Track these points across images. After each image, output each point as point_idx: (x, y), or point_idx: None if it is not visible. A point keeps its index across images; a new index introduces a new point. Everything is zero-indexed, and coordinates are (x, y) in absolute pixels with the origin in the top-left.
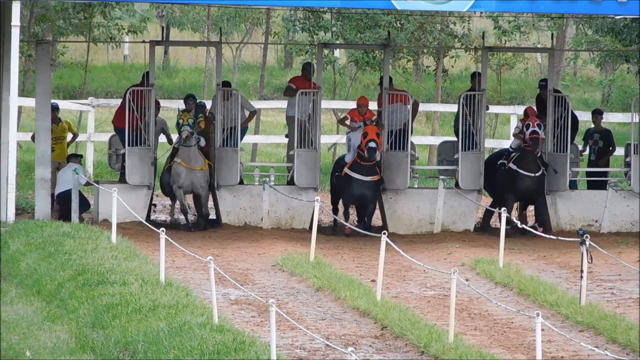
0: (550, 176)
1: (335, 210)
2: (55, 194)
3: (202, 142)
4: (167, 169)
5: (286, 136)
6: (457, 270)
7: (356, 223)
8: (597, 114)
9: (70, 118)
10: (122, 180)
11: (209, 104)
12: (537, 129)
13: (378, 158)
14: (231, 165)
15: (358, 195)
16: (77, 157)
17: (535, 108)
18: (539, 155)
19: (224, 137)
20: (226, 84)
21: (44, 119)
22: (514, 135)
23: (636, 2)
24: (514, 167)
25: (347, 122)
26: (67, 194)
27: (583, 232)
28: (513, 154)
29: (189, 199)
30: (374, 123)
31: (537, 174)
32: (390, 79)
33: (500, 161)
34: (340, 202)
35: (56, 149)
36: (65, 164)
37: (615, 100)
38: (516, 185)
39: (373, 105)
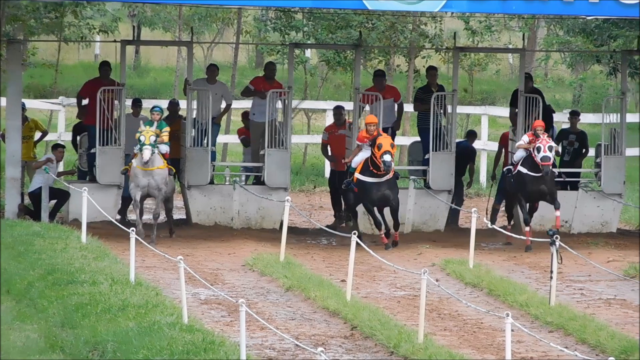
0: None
1: (354, 214)
2: (30, 190)
3: (164, 150)
4: (125, 172)
5: (245, 142)
6: (427, 271)
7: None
8: (574, 115)
9: (41, 117)
10: (82, 177)
11: (183, 103)
12: (548, 153)
13: (392, 174)
14: (202, 165)
15: (378, 197)
16: (60, 148)
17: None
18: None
19: (194, 136)
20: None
21: (15, 118)
22: (519, 146)
23: (607, 3)
24: (524, 170)
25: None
26: (40, 191)
27: (553, 233)
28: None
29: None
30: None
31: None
32: (383, 72)
33: (507, 167)
34: (360, 207)
35: (23, 148)
36: (36, 159)
37: (586, 101)
38: (526, 187)
39: (349, 106)
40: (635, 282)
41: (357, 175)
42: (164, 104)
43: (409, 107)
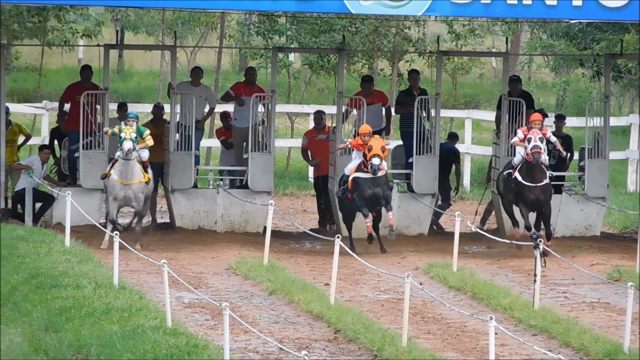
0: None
1: (349, 227)
2: (16, 189)
3: (144, 157)
4: (104, 176)
5: (225, 144)
6: (411, 274)
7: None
8: (560, 118)
9: (24, 121)
10: (62, 178)
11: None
12: (538, 142)
13: (383, 172)
14: (185, 169)
15: (369, 195)
16: (45, 150)
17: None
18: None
19: (177, 140)
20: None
21: None
22: (514, 143)
23: (591, 7)
24: (519, 177)
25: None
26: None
27: (537, 236)
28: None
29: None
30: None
31: (541, 184)
32: (371, 77)
33: (507, 171)
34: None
35: (6, 152)
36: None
37: (569, 104)
38: (523, 196)
39: (328, 110)
40: (619, 285)
41: (351, 177)
42: (147, 108)
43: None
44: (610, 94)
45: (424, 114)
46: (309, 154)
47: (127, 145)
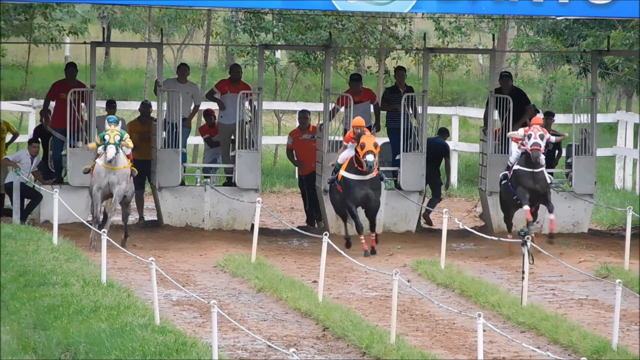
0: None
1: (343, 216)
2: (6, 182)
3: (128, 151)
4: (87, 171)
5: (208, 142)
6: (399, 272)
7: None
8: (549, 115)
9: (11, 119)
10: (46, 177)
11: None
12: (538, 140)
13: (376, 170)
14: (172, 166)
15: (361, 196)
16: (34, 144)
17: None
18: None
19: (164, 138)
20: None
21: None
22: (511, 136)
23: (577, 3)
24: (517, 166)
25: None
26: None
27: (525, 233)
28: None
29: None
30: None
31: (538, 170)
32: (359, 76)
33: (503, 173)
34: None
35: None
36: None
37: (556, 101)
38: (522, 182)
39: (315, 107)
40: (607, 282)
41: (342, 172)
42: (134, 105)
43: None
44: (597, 91)
45: (411, 111)
46: (294, 153)
47: (111, 152)
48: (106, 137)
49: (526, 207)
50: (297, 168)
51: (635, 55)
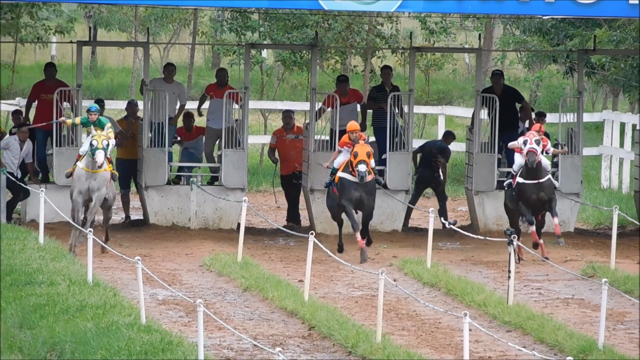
0: (480, 176)
1: (339, 223)
2: None
3: (111, 145)
4: (68, 175)
5: (177, 142)
6: (385, 271)
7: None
8: (540, 116)
9: None
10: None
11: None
12: (534, 145)
13: (369, 179)
14: (159, 166)
15: (356, 197)
16: (23, 128)
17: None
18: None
19: (151, 136)
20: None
21: None
22: (511, 146)
23: (563, 3)
24: (521, 179)
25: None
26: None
27: (511, 232)
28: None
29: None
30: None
31: (544, 179)
32: (346, 77)
33: (508, 181)
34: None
35: None
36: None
37: (542, 100)
38: (526, 196)
39: (301, 106)
40: (593, 281)
41: (339, 174)
42: (121, 104)
43: None
44: (584, 90)
45: (397, 111)
46: (276, 153)
47: (100, 158)
48: (94, 142)
49: (532, 229)
50: (278, 167)
51: (621, 54)
